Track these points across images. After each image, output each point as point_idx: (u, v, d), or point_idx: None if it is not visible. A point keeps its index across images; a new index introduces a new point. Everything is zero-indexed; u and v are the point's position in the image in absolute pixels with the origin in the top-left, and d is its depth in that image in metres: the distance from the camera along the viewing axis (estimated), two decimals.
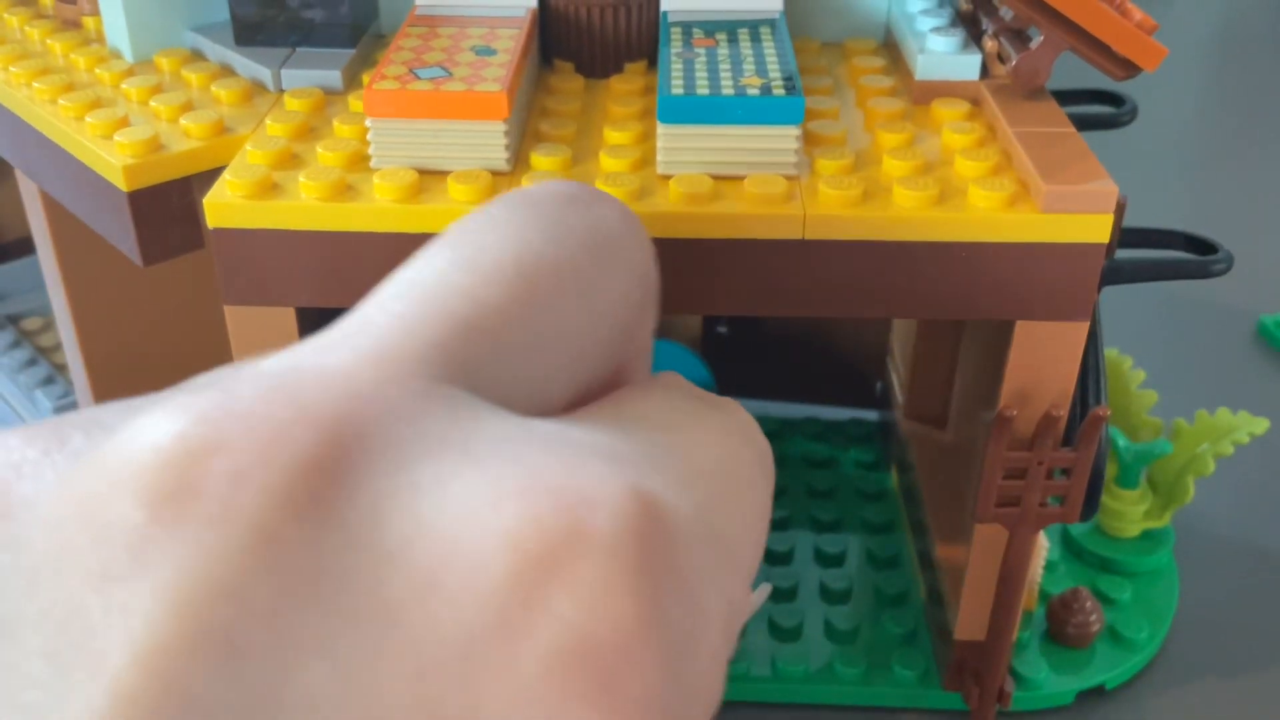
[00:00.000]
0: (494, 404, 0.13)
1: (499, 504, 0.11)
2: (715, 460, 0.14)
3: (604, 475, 0.11)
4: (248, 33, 0.29)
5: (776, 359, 0.40)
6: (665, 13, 0.27)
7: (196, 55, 0.29)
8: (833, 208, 0.23)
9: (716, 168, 0.23)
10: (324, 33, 0.29)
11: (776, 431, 0.40)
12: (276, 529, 0.10)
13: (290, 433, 0.11)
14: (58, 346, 0.42)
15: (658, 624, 0.11)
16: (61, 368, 0.41)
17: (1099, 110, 0.31)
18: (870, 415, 0.40)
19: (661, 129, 0.23)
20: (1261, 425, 0.33)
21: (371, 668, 0.10)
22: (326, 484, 0.11)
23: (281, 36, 0.29)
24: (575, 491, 0.11)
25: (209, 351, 0.33)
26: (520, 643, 0.10)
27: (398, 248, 0.23)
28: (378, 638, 0.10)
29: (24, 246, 0.45)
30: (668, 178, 0.23)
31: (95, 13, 0.31)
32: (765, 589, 0.22)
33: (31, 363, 0.41)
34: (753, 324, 0.40)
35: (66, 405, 0.37)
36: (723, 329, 0.40)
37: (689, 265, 0.23)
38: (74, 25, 0.31)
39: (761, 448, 0.16)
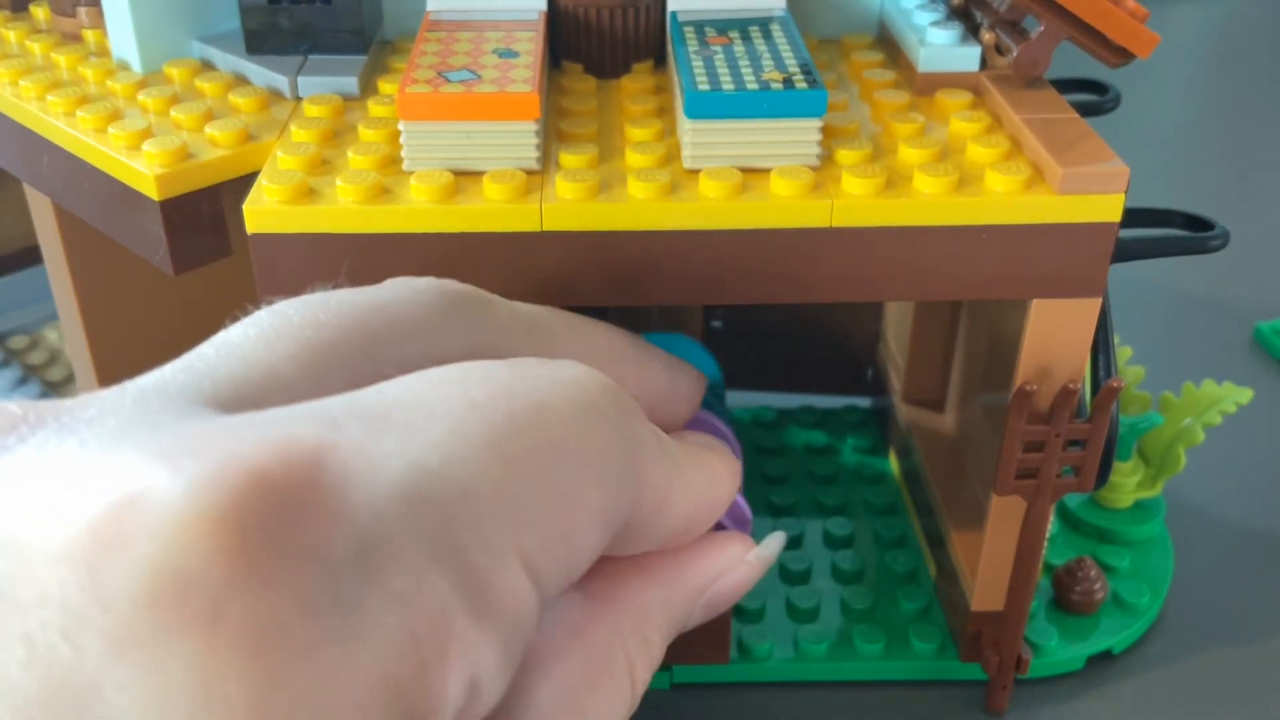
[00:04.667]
0: None
1: (102, 470, 0.11)
2: (471, 398, 0.14)
3: (242, 432, 0.12)
4: (258, 41, 0.29)
5: (771, 351, 0.41)
6: (674, 13, 0.28)
7: (206, 65, 0.29)
8: (858, 195, 0.23)
9: (742, 161, 0.24)
10: (334, 40, 0.29)
11: (774, 421, 0.40)
12: None
13: None
14: (47, 364, 0.42)
15: (277, 555, 0.11)
16: (53, 385, 0.41)
17: (1084, 98, 0.33)
18: (863, 401, 0.41)
19: (689, 124, 0.24)
20: (1245, 395, 0.34)
21: None
22: None
23: (292, 45, 0.29)
24: (185, 448, 0.11)
25: None
26: (109, 586, 0.10)
27: (434, 248, 0.23)
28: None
29: (3, 266, 0.44)
30: (695, 172, 0.24)
31: (95, 25, 0.31)
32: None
33: (23, 381, 0.40)
34: (747, 317, 0.40)
35: None
36: (717, 323, 0.41)
37: (720, 256, 0.24)
38: (74, 39, 0.31)
39: (578, 386, 0.15)
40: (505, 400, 0.14)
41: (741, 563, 0.19)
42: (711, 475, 0.18)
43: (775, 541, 0.21)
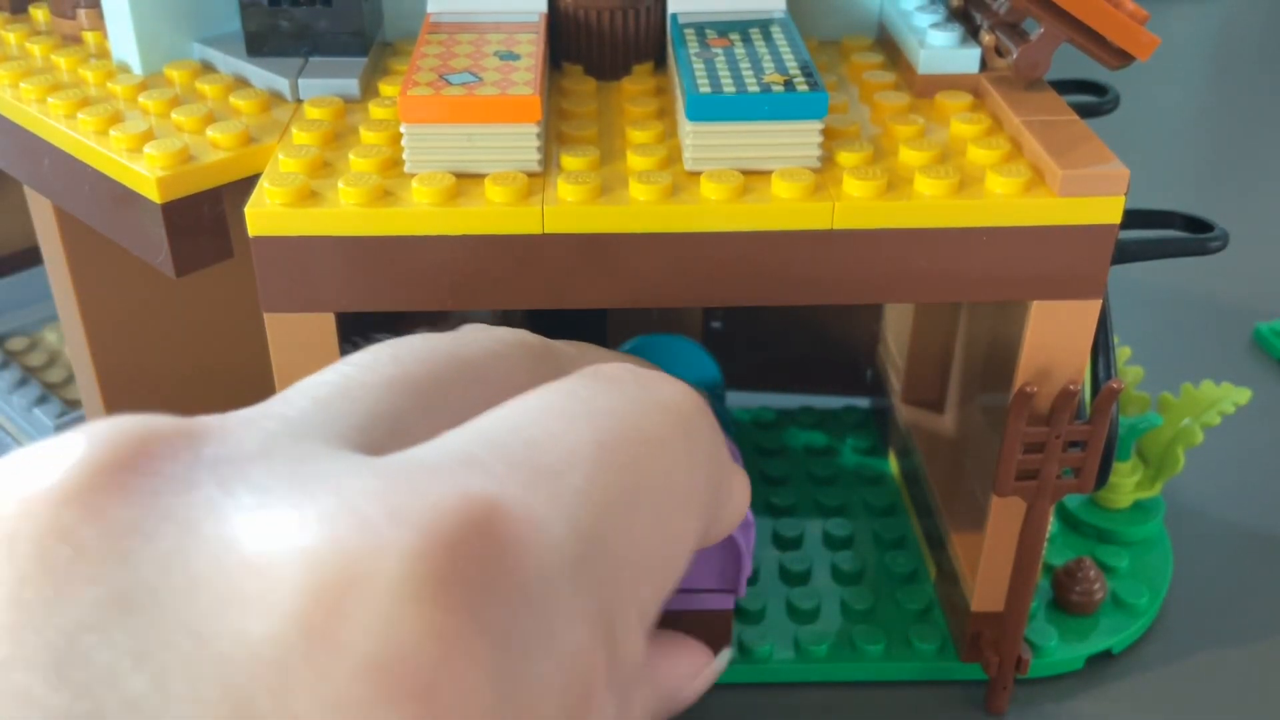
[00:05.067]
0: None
1: (304, 526, 0.11)
2: (602, 439, 0.14)
3: (420, 491, 0.12)
4: (258, 43, 0.29)
5: (770, 351, 0.41)
6: (674, 15, 0.28)
7: (207, 67, 0.29)
8: (860, 198, 0.23)
9: (743, 163, 0.24)
10: (334, 41, 0.29)
11: (774, 422, 0.41)
12: (88, 544, 0.11)
13: (105, 454, 0.12)
14: (46, 365, 0.42)
15: (481, 629, 0.11)
16: (52, 386, 0.41)
17: (1083, 99, 0.33)
18: (863, 402, 0.41)
19: (690, 126, 0.24)
20: (1244, 395, 0.35)
21: (187, 680, 0.10)
22: (138, 503, 0.12)
23: (292, 47, 0.29)
24: (380, 512, 0.12)
25: (218, 360, 0.33)
26: (329, 654, 0.11)
27: (437, 250, 0.23)
28: (191, 651, 0.10)
29: (2, 267, 0.44)
30: (696, 174, 0.24)
31: (95, 27, 0.31)
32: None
33: (23, 382, 0.40)
34: (747, 318, 0.40)
35: (67, 422, 0.37)
36: (717, 324, 0.41)
37: (722, 258, 0.24)
38: (74, 40, 0.31)
39: (682, 414, 0.16)
40: (627, 444, 0.14)
41: (705, 669, 0.20)
42: (737, 487, 0.19)
43: (726, 655, 0.22)
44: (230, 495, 0.12)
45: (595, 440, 0.14)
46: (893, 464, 0.38)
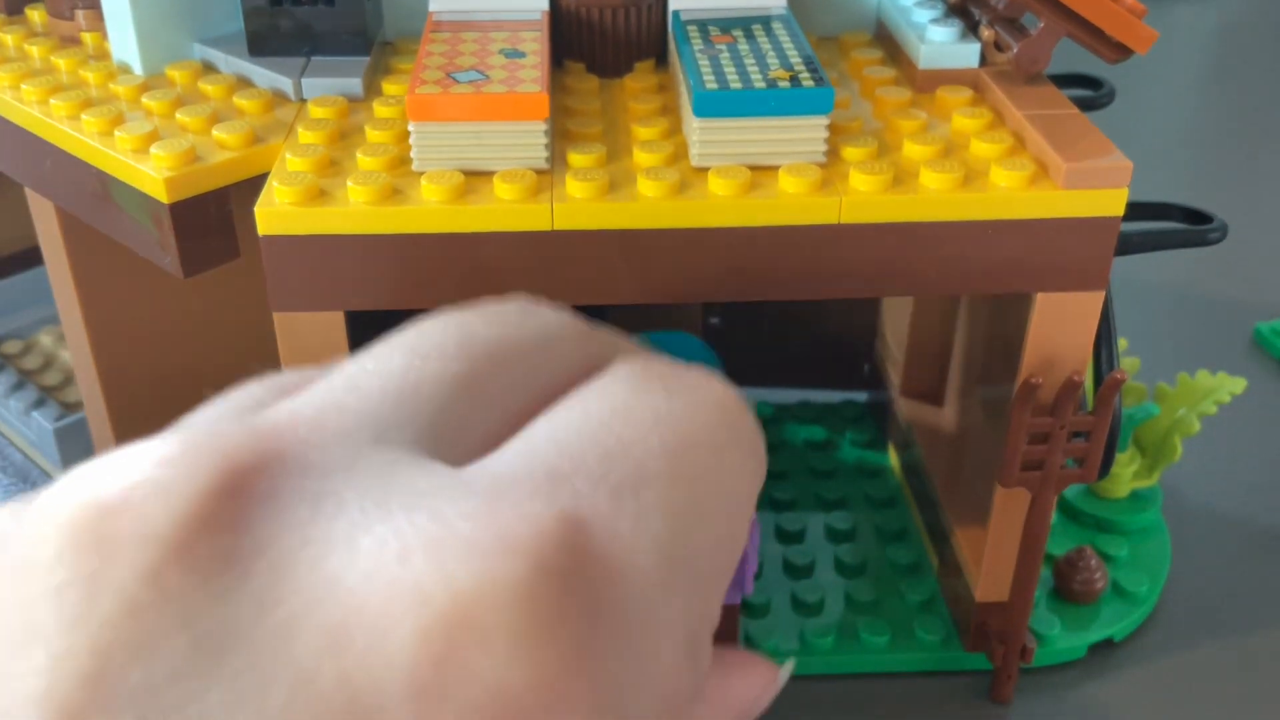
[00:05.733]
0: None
1: (407, 559, 0.11)
2: (670, 448, 0.14)
3: (523, 514, 0.11)
4: (260, 43, 0.29)
5: (768, 347, 0.41)
6: (676, 12, 0.28)
7: (208, 67, 0.29)
8: (867, 192, 0.24)
9: (749, 159, 0.24)
10: (336, 41, 0.29)
11: (773, 417, 0.41)
12: (176, 585, 0.10)
13: (191, 486, 0.11)
14: (42, 369, 0.42)
15: (585, 670, 0.11)
16: (49, 389, 0.41)
17: (1078, 93, 0.33)
18: (861, 396, 0.42)
19: (697, 123, 0.24)
20: (1239, 385, 0.35)
21: None
22: (229, 538, 0.11)
23: (294, 46, 0.29)
24: (488, 540, 0.11)
25: (222, 361, 0.33)
26: (437, 704, 0.10)
27: (446, 248, 0.23)
28: (288, 698, 0.10)
29: None
30: (702, 170, 0.24)
31: (93, 28, 0.31)
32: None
33: (19, 386, 0.40)
34: (745, 314, 0.41)
35: (66, 425, 0.37)
36: (715, 319, 0.41)
37: (731, 254, 0.24)
38: (72, 41, 0.31)
39: (732, 415, 0.15)
40: (692, 453, 0.14)
41: (772, 684, 0.20)
42: None
43: (790, 668, 0.22)
44: (322, 517, 0.11)
45: (664, 449, 0.13)
46: (892, 457, 0.39)
